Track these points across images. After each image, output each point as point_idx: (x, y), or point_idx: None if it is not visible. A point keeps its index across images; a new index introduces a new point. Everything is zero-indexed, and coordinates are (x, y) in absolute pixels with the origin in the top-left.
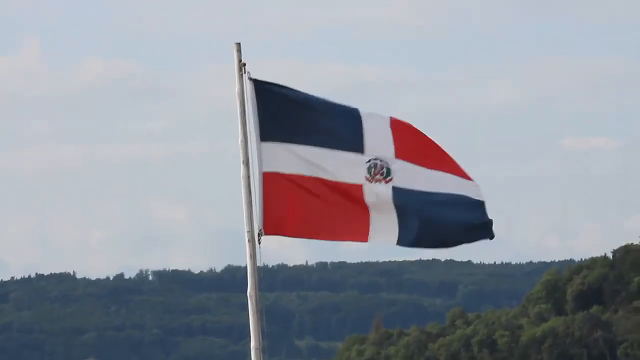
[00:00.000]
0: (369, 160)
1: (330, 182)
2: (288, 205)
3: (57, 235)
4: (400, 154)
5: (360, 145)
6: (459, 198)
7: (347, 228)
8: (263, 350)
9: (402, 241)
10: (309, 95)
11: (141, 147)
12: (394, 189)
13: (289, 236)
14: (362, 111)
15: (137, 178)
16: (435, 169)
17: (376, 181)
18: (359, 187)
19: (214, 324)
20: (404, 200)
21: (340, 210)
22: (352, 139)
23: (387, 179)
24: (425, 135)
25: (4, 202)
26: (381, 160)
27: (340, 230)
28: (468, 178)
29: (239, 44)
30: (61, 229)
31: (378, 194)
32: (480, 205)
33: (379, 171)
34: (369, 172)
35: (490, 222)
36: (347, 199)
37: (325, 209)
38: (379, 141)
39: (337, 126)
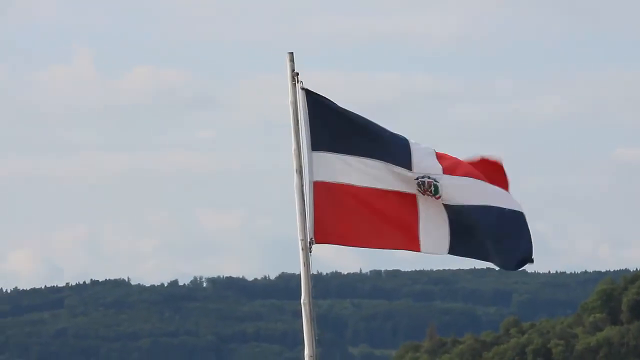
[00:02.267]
0: (417, 178)
1: (383, 190)
2: (338, 214)
3: (110, 242)
4: (447, 171)
5: (408, 163)
6: (508, 212)
7: (399, 236)
8: (317, 357)
9: (453, 250)
10: (358, 114)
11: (193, 155)
12: (445, 206)
13: (339, 244)
14: (410, 139)
15: (189, 187)
16: (482, 180)
17: (428, 195)
18: (413, 197)
19: (268, 331)
20: (454, 213)
21: (392, 219)
22: (401, 155)
23: (437, 196)
24: (470, 163)
25: (57, 210)
26: (429, 178)
27: (391, 239)
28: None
29: (292, 54)
30: (114, 236)
31: (432, 204)
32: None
33: (428, 188)
34: (420, 187)
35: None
36: (400, 207)
37: (376, 217)
38: (426, 161)
39: (386, 142)
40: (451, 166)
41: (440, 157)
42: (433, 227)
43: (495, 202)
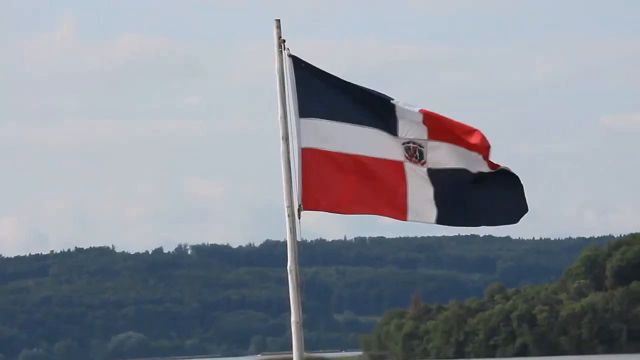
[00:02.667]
0: (403, 143)
1: (371, 158)
2: (326, 180)
3: (96, 209)
4: (432, 135)
5: (394, 128)
6: (494, 176)
7: (386, 204)
8: (303, 324)
9: (441, 220)
10: (344, 80)
11: (179, 123)
12: (429, 170)
13: (327, 211)
14: (395, 100)
15: (175, 154)
16: (467, 148)
17: (413, 162)
18: (401, 164)
19: (253, 298)
20: (439, 180)
21: (379, 186)
22: (387, 121)
23: (422, 161)
24: (455, 121)
25: (41, 177)
26: (414, 143)
27: (379, 205)
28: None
29: (278, 21)
30: (99, 203)
31: (418, 173)
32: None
33: (413, 154)
34: (407, 152)
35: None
36: (388, 175)
37: (364, 184)
38: (411, 125)
39: (373, 108)
40: (436, 130)
41: (426, 117)
42: (420, 196)
43: (479, 167)
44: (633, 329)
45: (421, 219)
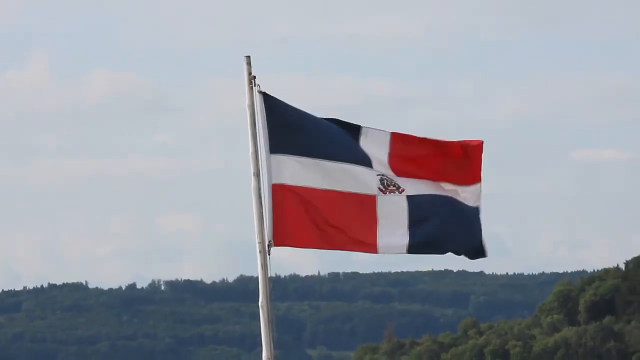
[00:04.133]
0: (378, 175)
1: (343, 192)
2: (296, 216)
3: (68, 246)
4: (398, 172)
5: (368, 160)
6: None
7: (355, 239)
8: (275, 359)
9: (412, 249)
10: (314, 116)
11: (150, 160)
12: (408, 197)
13: (297, 247)
14: (364, 128)
15: (147, 191)
16: (436, 180)
17: (390, 192)
18: (373, 198)
19: (226, 334)
20: (418, 205)
21: (349, 221)
22: (360, 154)
23: (400, 190)
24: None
25: (14, 215)
26: (387, 177)
27: (348, 241)
28: (469, 182)
29: (248, 57)
30: (72, 240)
31: (393, 203)
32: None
33: (391, 183)
34: (382, 184)
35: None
36: (358, 209)
37: (334, 219)
38: (379, 160)
39: (345, 142)
40: (401, 170)
41: (393, 145)
42: (392, 228)
43: (450, 194)
44: None
45: (391, 251)
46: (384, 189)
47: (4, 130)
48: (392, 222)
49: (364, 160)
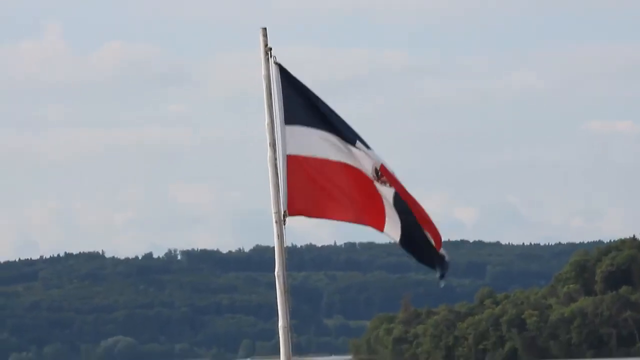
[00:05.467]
0: (374, 164)
1: (353, 167)
2: (311, 186)
3: (85, 215)
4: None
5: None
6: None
7: (366, 212)
8: (291, 329)
9: (403, 243)
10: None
11: (165, 130)
12: (395, 194)
13: (311, 217)
14: (359, 142)
15: (162, 161)
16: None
17: (381, 182)
18: (371, 181)
19: (243, 303)
20: (402, 211)
21: (361, 195)
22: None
23: (389, 185)
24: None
25: (30, 184)
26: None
27: (361, 214)
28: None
29: (265, 29)
30: (87, 210)
31: (386, 192)
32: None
33: (381, 176)
34: (376, 174)
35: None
36: (366, 186)
37: (347, 191)
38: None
39: (349, 128)
40: (389, 178)
41: (383, 171)
42: (392, 214)
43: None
44: (622, 333)
45: (392, 235)
46: (376, 178)
47: (21, 99)
48: (391, 209)
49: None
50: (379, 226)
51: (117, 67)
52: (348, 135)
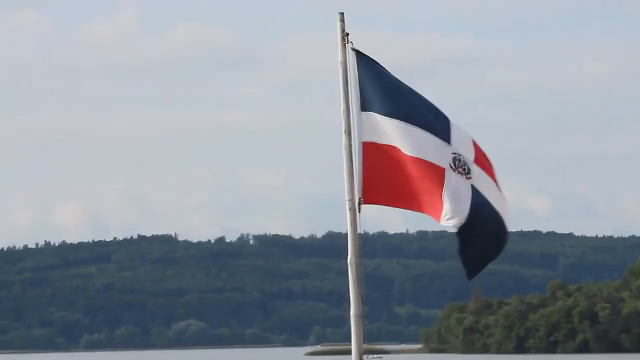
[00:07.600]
0: (454, 153)
1: (417, 158)
2: (385, 175)
3: (158, 198)
4: (477, 160)
5: (447, 137)
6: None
7: (428, 203)
8: (363, 316)
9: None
10: (404, 83)
11: (237, 113)
12: (473, 187)
13: (385, 205)
14: (442, 130)
15: (234, 144)
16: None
17: (458, 173)
18: (442, 170)
19: (314, 289)
20: (478, 204)
21: (422, 186)
22: (442, 129)
23: (468, 176)
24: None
25: (104, 165)
26: (464, 157)
27: (423, 204)
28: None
29: (342, 14)
30: (161, 192)
31: (460, 183)
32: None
33: (462, 165)
34: (454, 163)
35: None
36: (429, 177)
37: (414, 182)
38: (463, 141)
39: (429, 113)
40: (481, 160)
41: (475, 145)
42: (455, 202)
43: (503, 214)
44: None
45: (448, 223)
46: (453, 167)
47: (94, 80)
48: (457, 196)
49: (444, 137)
50: (437, 216)
51: (190, 49)
52: (425, 122)
